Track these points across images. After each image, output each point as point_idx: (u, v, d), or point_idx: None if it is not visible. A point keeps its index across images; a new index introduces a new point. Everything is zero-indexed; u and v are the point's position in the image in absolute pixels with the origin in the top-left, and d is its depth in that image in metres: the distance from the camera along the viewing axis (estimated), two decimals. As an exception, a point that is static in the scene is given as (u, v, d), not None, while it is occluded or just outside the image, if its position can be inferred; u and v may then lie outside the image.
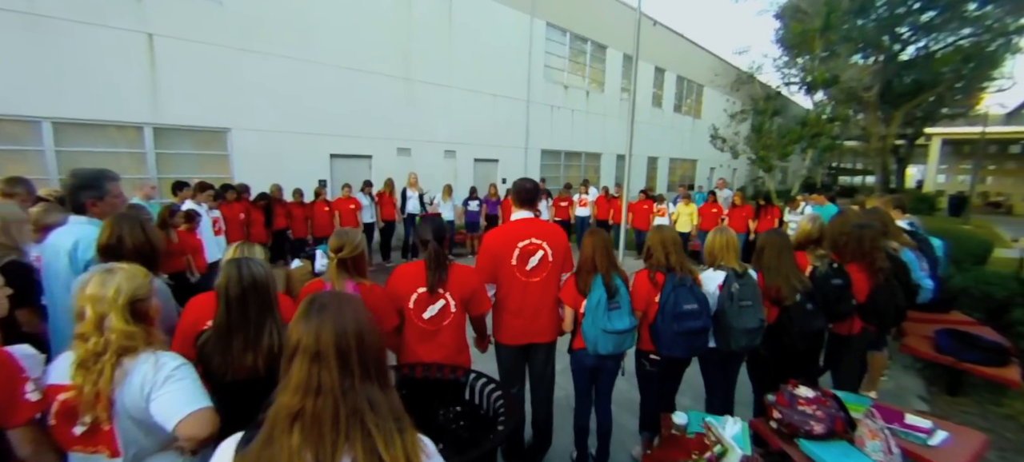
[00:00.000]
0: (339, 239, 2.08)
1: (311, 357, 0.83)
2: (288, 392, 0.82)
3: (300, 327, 0.86)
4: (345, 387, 0.83)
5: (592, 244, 2.46)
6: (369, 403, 0.83)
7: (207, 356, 1.45)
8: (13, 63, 5.85)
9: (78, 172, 2.13)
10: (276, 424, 0.80)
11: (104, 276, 1.34)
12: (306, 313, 0.87)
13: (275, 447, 0.78)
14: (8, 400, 1.24)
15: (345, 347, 0.85)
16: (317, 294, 0.94)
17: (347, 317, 0.87)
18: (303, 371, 0.82)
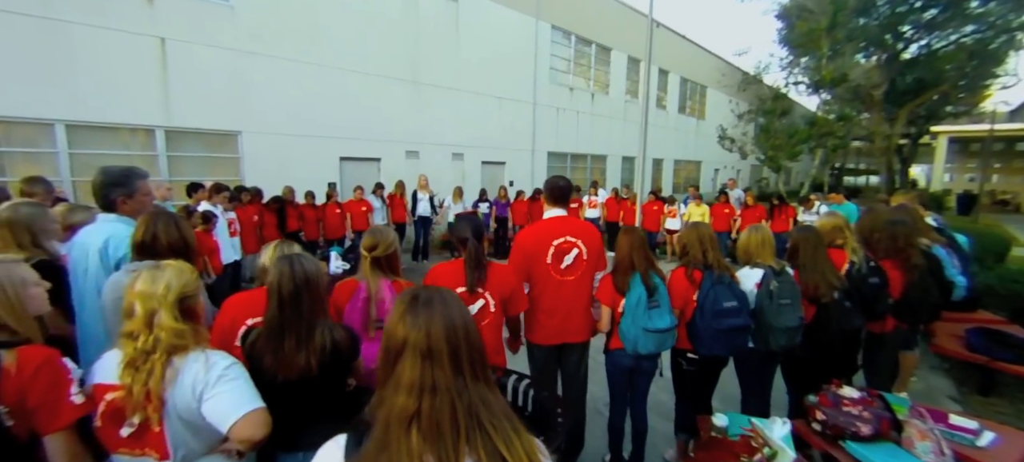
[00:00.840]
0: (373, 237, 2.04)
1: (422, 355, 0.79)
2: (401, 393, 0.77)
3: (405, 324, 0.81)
4: (459, 386, 0.78)
5: (629, 242, 2.41)
6: (482, 402, 0.79)
7: (258, 355, 1.40)
8: (27, 66, 5.86)
9: (107, 170, 2.09)
10: (391, 427, 0.76)
11: (153, 272, 1.30)
12: (411, 308, 0.83)
13: (392, 451, 0.74)
14: (52, 402, 1.20)
15: (455, 344, 0.81)
16: (417, 289, 0.90)
17: (454, 312, 0.83)
18: (415, 370, 0.78)
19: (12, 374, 1.13)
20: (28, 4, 5.83)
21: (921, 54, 18.68)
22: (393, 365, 0.81)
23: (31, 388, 1.15)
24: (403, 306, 0.84)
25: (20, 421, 1.14)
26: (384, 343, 0.84)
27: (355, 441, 0.80)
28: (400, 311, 0.84)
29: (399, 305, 0.85)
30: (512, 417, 0.81)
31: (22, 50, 5.81)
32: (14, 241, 2.14)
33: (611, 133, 15.04)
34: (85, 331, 2.05)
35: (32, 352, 1.20)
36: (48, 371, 1.19)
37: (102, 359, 1.34)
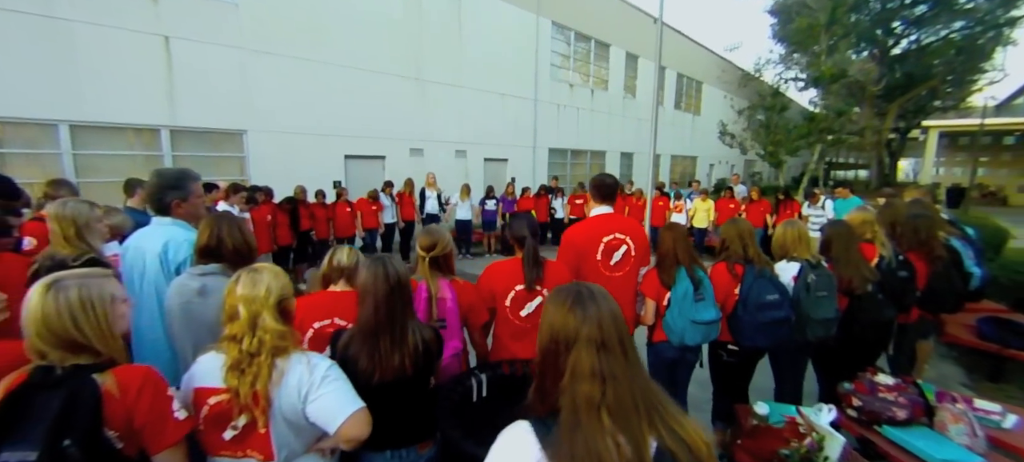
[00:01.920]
0: (431, 237, 2.07)
1: (598, 346, 0.84)
2: (583, 381, 0.82)
3: (576, 317, 0.86)
4: (631, 373, 0.84)
5: (672, 237, 2.47)
6: (649, 387, 0.84)
7: (353, 357, 1.42)
8: (30, 66, 5.76)
9: (162, 172, 2.09)
10: (580, 411, 0.81)
11: (253, 276, 1.32)
12: (577, 303, 0.88)
13: (586, 432, 0.78)
14: (158, 420, 1.17)
15: (620, 334, 0.87)
16: (575, 285, 0.94)
17: (613, 305, 0.89)
18: (593, 359, 0.83)
19: (116, 397, 1.10)
20: (31, 3, 5.73)
21: (911, 49, 19.08)
22: (564, 355, 0.85)
23: (136, 409, 1.12)
24: (567, 302, 0.89)
25: (129, 442, 1.12)
26: (550, 336, 0.88)
27: (542, 426, 0.84)
28: (565, 306, 0.88)
29: (560, 301, 0.90)
30: (671, 400, 0.86)
31: (24, 49, 5.71)
32: (61, 234, 2.15)
33: (610, 129, 15.13)
34: (141, 334, 2.04)
35: (131, 372, 1.16)
36: (150, 390, 1.16)
37: (199, 363, 1.34)
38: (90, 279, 1.17)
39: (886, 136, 20.33)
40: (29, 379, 1.06)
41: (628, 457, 0.76)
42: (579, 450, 0.77)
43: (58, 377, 1.06)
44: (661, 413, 0.84)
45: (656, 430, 0.81)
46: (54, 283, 1.11)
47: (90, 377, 1.07)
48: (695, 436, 0.83)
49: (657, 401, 0.85)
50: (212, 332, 1.77)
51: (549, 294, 0.98)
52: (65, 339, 1.08)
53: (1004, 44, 17.44)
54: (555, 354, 0.87)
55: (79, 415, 1.02)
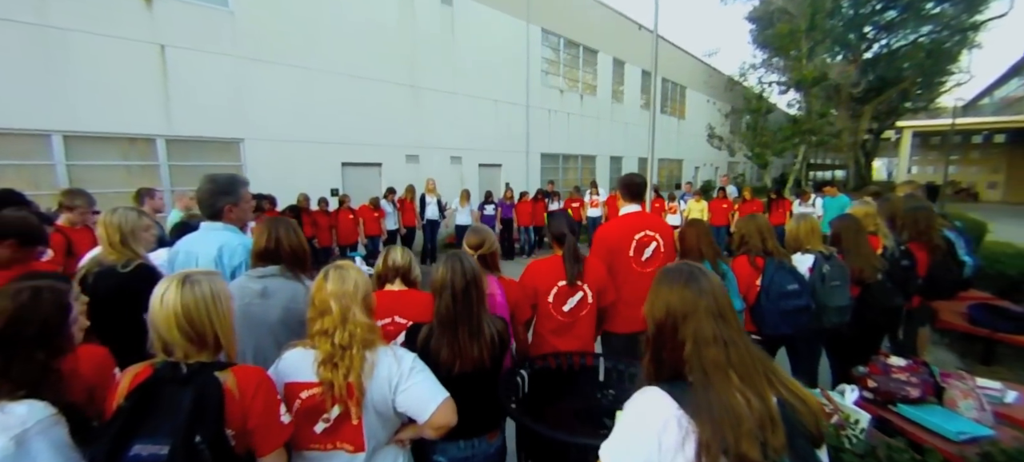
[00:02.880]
0: (478, 236, 2.15)
1: (715, 316, 0.95)
2: (709, 346, 0.92)
3: (692, 292, 0.96)
4: (743, 339, 0.95)
5: (696, 234, 2.59)
6: (759, 351, 0.96)
7: (434, 350, 1.48)
8: (22, 75, 5.64)
9: (215, 177, 2.12)
10: (709, 373, 0.90)
11: (341, 273, 1.36)
12: (691, 280, 0.98)
13: (719, 390, 0.88)
14: (269, 423, 1.19)
15: (727, 304, 0.98)
16: (684, 265, 1.04)
17: (719, 280, 0.98)
18: (713, 327, 0.93)
19: (235, 397, 1.13)
20: (22, 11, 5.62)
21: (882, 54, 19.92)
22: (682, 327, 0.96)
23: (251, 409, 1.15)
24: (681, 280, 0.99)
25: (239, 441, 1.14)
26: (665, 312, 0.98)
27: (674, 388, 0.92)
28: (680, 284, 0.98)
29: (674, 281, 1.00)
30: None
31: (17, 58, 5.59)
32: (107, 240, 2.16)
33: (599, 133, 15.38)
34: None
35: (248, 373, 1.19)
36: (264, 391, 1.19)
37: (285, 360, 1.37)
38: (214, 276, 1.22)
39: (861, 137, 21.13)
40: (156, 374, 1.10)
41: (758, 409, 0.86)
42: (716, 406, 0.86)
43: (185, 374, 1.10)
44: (774, 372, 0.94)
45: (774, 387, 0.92)
46: (187, 278, 1.16)
47: (213, 375, 1.11)
48: (804, 392, 0.93)
49: (768, 363, 0.95)
50: (272, 332, 1.82)
51: (658, 276, 1.07)
52: (199, 332, 1.13)
53: (970, 47, 18.37)
54: (673, 328, 0.97)
55: (208, 412, 1.06)
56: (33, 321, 1.13)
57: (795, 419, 0.89)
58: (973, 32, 17.69)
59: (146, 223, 2.24)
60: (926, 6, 17.56)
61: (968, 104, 22.46)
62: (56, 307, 1.19)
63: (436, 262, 1.62)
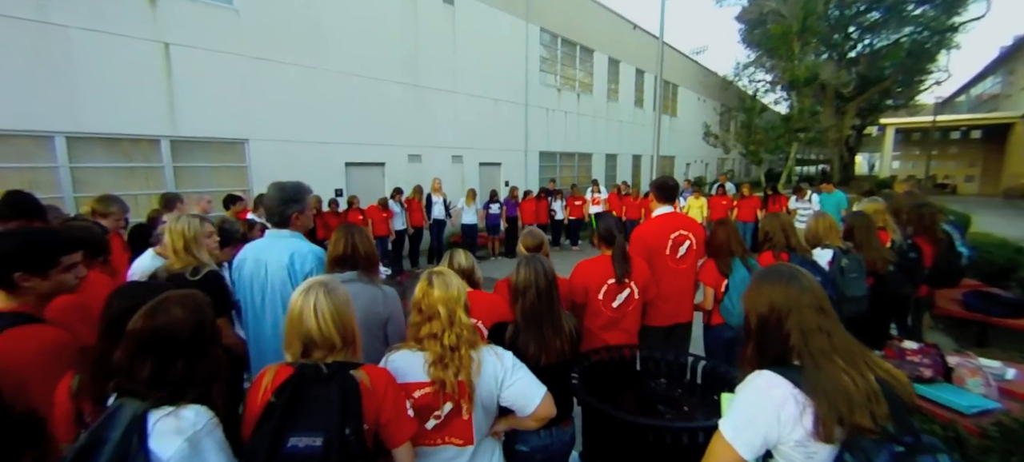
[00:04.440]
0: (534, 238, 2.27)
1: (815, 309, 1.09)
2: (814, 336, 1.07)
3: (794, 289, 1.11)
4: (841, 328, 1.10)
5: (726, 231, 2.76)
6: (853, 337, 1.11)
7: (522, 345, 1.60)
8: (23, 75, 5.52)
9: (282, 186, 2.18)
10: (818, 357, 1.05)
11: (444, 278, 1.46)
12: (793, 278, 1.13)
13: (828, 372, 1.03)
14: (398, 417, 1.28)
15: (825, 298, 1.13)
16: (784, 266, 1.17)
17: (814, 278, 1.13)
18: (815, 319, 1.09)
19: (370, 392, 1.22)
20: (22, 8, 5.50)
21: (864, 53, 20.53)
22: (785, 321, 1.10)
23: (384, 404, 1.24)
24: (783, 279, 1.13)
25: (370, 435, 1.22)
26: (768, 307, 1.12)
27: (788, 371, 1.06)
28: (782, 283, 1.12)
29: (776, 279, 1.14)
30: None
31: (17, 58, 5.47)
32: (171, 247, 2.22)
33: (595, 132, 15.58)
34: (264, 342, 2.13)
35: (378, 371, 1.28)
36: (393, 388, 1.28)
37: (393, 362, 1.45)
38: (339, 283, 1.32)
39: (846, 133, 21.76)
40: (300, 373, 1.20)
41: (863, 386, 1.00)
42: (828, 385, 1.01)
43: (327, 373, 1.20)
44: (868, 355, 1.09)
45: (871, 369, 1.06)
46: (323, 284, 1.26)
47: (350, 373, 1.21)
48: (895, 371, 1.08)
49: (863, 348, 1.10)
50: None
51: (759, 276, 1.21)
52: (339, 333, 1.23)
53: (948, 48, 19.05)
54: (777, 321, 1.11)
55: (352, 407, 1.16)
56: (206, 324, 1.22)
57: (893, 393, 1.03)
58: (952, 33, 18.35)
59: (208, 230, 2.30)
60: (907, 8, 18.16)
61: (946, 101, 23.28)
62: (211, 316, 1.27)
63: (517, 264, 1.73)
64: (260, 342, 2.15)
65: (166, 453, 1.07)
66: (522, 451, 1.68)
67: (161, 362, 1.20)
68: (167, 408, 1.12)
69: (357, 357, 1.35)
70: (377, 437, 1.29)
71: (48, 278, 1.61)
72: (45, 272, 1.59)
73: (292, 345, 1.27)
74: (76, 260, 1.70)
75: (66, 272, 1.66)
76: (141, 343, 1.20)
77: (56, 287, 1.65)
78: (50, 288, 1.64)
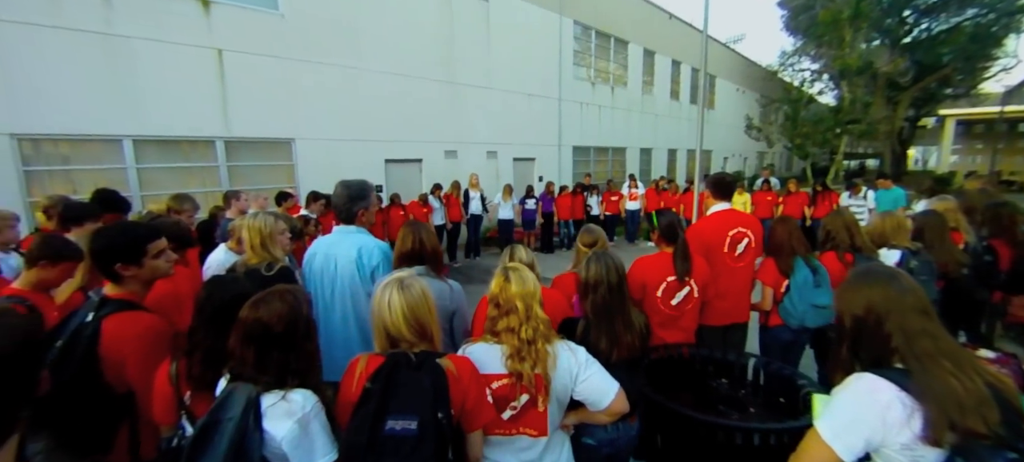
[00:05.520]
0: (592, 235, 2.28)
1: (919, 312, 1.09)
2: (919, 339, 1.06)
3: (895, 291, 1.10)
4: (944, 332, 1.09)
5: (787, 230, 2.68)
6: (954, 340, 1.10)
7: (594, 340, 1.63)
8: (94, 84, 5.93)
9: (348, 184, 2.28)
10: (925, 360, 1.04)
11: (520, 274, 1.50)
12: (893, 280, 1.12)
13: (935, 375, 1.02)
14: (480, 403, 1.34)
15: (927, 301, 1.12)
16: (882, 267, 1.16)
17: (911, 279, 1.11)
18: (919, 322, 1.08)
19: (456, 379, 1.28)
20: (90, 21, 5.89)
21: (921, 38, 19.18)
22: (886, 323, 1.08)
23: (468, 391, 1.30)
24: (882, 280, 1.11)
25: (455, 420, 1.28)
26: (866, 309, 1.11)
27: (892, 374, 1.05)
28: (882, 284, 1.10)
29: (875, 281, 1.12)
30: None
31: (89, 67, 5.87)
32: (248, 243, 2.35)
33: (629, 126, 15.33)
34: (333, 332, 2.24)
35: (461, 360, 1.34)
36: (476, 376, 1.34)
37: (470, 354, 1.49)
38: (419, 278, 1.39)
39: (898, 125, 20.47)
40: (392, 361, 1.26)
41: (972, 390, 0.98)
42: (938, 389, 0.99)
43: (416, 361, 1.26)
44: (975, 360, 1.06)
45: (979, 373, 1.03)
46: (398, 281, 1.32)
47: (436, 362, 1.27)
48: (1001, 375, 1.05)
49: (968, 351, 1.08)
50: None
51: (854, 276, 1.19)
52: (422, 323, 1.29)
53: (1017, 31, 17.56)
54: (875, 323, 1.09)
55: (441, 393, 1.22)
56: (301, 318, 1.31)
57: (1003, 398, 1.00)
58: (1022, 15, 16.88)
59: (281, 227, 2.43)
60: (971, -12, 16.86)
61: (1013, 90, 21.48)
62: (307, 305, 1.36)
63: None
64: (329, 333, 2.25)
65: (279, 433, 1.16)
66: (589, 444, 1.71)
67: (261, 350, 1.29)
68: (278, 392, 1.21)
69: (436, 350, 1.40)
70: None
71: (143, 266, 1.77)
72: (139, 260, 1.76)
73: (378, 337, 1.34)
74: (162, 247, 1.85)
75: (156, 259, 1.82)
76: (246, 331, 1.29)
77: (151, 273, 1.82)
78: (147, 275, 1.81)
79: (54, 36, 5.60)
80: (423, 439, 1.17)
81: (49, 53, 5.58)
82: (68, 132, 5.87)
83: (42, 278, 2.19)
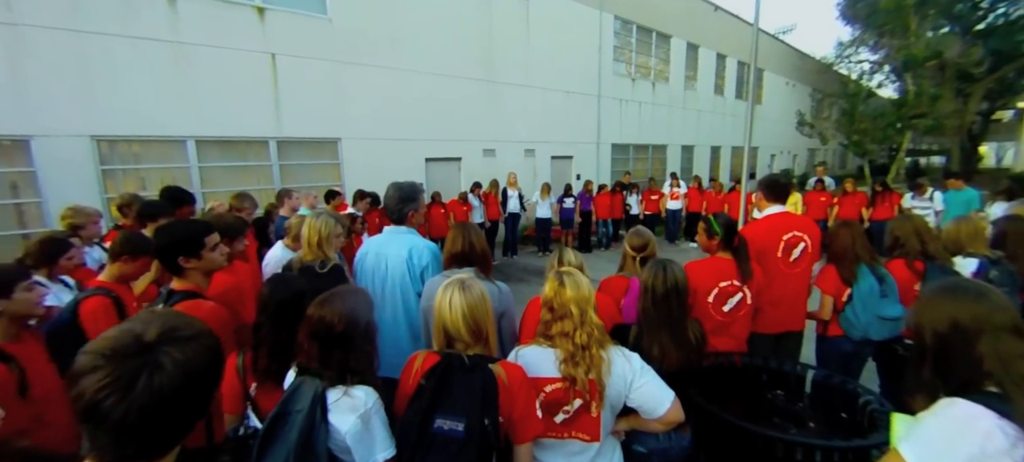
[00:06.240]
0: (641, 238, 2.24)
1: (1011, 330, 1.01)
2: (1017, 362, 0.99)
3: (984, 308, 1.03)
4: None
5: (850, 234, 2.52)
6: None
7: (646, 348, 1.60)
8: (162, 88, 6.36)
9: (400, 186, 2.35)
10: (1023, 385, 0.97)
11: (575, 278, 1.49)
12: (982, 295, 1.05)
13: None
14: (528, 414, 1.31)
15: (1020, 319, 1.03)
16: (969, 281, 1.09)
17: (1003, 295, 1.04)
18: (1016, 344, 1.00)
19: (506, 387, 1.27)
20: (160, 30, 6.32)
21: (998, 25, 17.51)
22: (975, 342, 1.01)
23: (516, 401, 1.29)
24: (970, 295, 1.04)
25: (501, 428, 1.27)
26: (950, 326, 1.04)
27: (990, 400, 0.98)
28: (968, 299, 1.04)
29: (959, 295, 1.05)
30: None
31: (156, 73, 6.30)
32: (307, 241, 2.46)
33: (671, 122, 14.91)
34: (383, 331, 2.29)
35: (514, 368, 1.34)
36: (527, 385, 1.33)
37: (524, 356, 1.50)
38: (477, 281, 1.41)
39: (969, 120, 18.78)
40: (446, 361, 1.30)
41: None
42: None
43: (469, 364, 1.29)
44: None
45: None
46: (460, 283, 1.35)
47: (488, 367, 1.29)
48: None
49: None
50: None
51: (936, 290, 1.11)
52: (479, 325, 1.32)
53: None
54: (963, 343, 1.01)
55: (491, 399, 1.24)
56: (362, 319, 1.36)
57: None
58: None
59: (338, 230, 2.53)
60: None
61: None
62: (369, 308, 1.42)
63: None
64: (379, 330, 2.32)
65: (344, 427, 1.22)
66: (639, 452, 1.69)
67: (324, 347, 1.35)
68: (341, 388, 1.27)
69: (491, 352, 1.42)
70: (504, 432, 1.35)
71: (201, 258, 1.91)
72: (197, 253, 1.89)
73: (437, 336, 1.37)
74: (216, 240, 1.99)
75: (213, 251, 1.95)
76: (311, 328, 1.36)
77: (209, 265, 1.96)
78: (206, 266, 1.94)
79: (128, 45, 6.06)
80: (468, 442, 1.19)
81: (123, 60, 6.05)
82: (139, 133, 6.34)
83: (123, 271, 2.39)
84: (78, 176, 5.88)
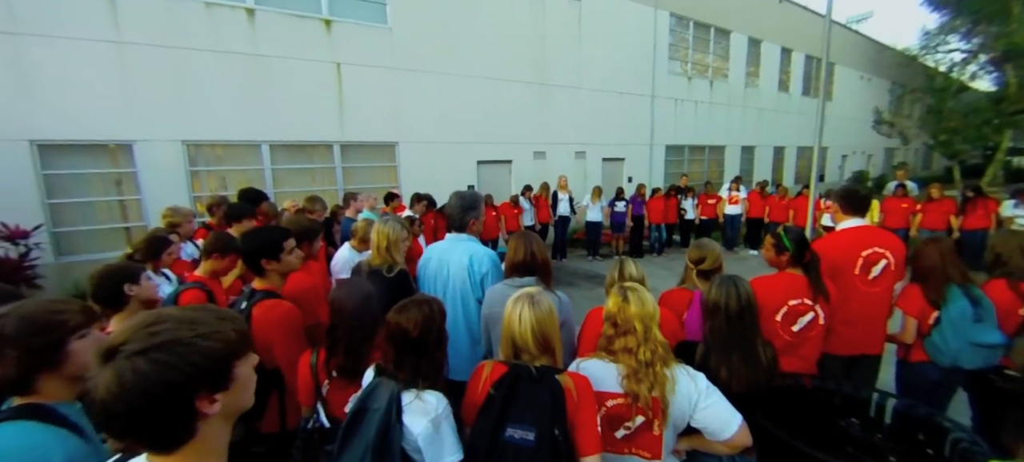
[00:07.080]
0: (700, 251, 2.18)
1: None
2: None
3: None
4: None
5: (939, 251, 2.32)
6: None
7: (714, 368, 1.58)
8: (241, 96, 6.93)
9: (462, 195, 2.44)
10: None
11: (639, 294, 1.49)
12: None
13: None
14: (590, 425, 1.31)
15: None
16: None
17: None
18: None
19: (572, 395, 1.30)
20: (241, 44, 6.89)
21: None
22: None
23: (580, 410, 1.31)
24: None
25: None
26: None
27: None
28: None
29: None
30: None
31: (237, 83, 6.86)
32: (376, 245, 2.61)
33: (730, 122, 14.22)
34: (443, 333, 2.42)
35: (580, 379, 1.36)
36: (592, 397, 1.34)
37: (586, 369, 1.51)
38: (546, 294, 1.45)
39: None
40: (515, 371, 1.35)
41: None
42: None
43: (537, 375, 1.33)
44: None
45: None
46: (530, 296, 1.40)
47: (556, 378, 1.33)
48: None
49: None
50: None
51: None
52: (547, 337, 1.36)
53: None
54: None
55: (559, 408, 1.27)
56: (434, 327, 1.45)
57: None
58: None
59: (404, 236, 2.67)
60: None
61: None
62: (442, 318, 1.51)
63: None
64: (440, 334, 2.43)
65: (416, 429, 1.30)
66: (701, 473, 1.66)
67: (399, 351, 1.45)
68: (414, 391, 1.35)
69: (557, 364, 1.45)
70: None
71: (280, 261, 2.12)
72: (277, 256, 2.11)
73: (504, 346, 1.42)
74: (293, 245, 2.20)
75: (290, 255, 2.17)
76: (389, 332, 1.46)
77: (287, 267, 2.18)
78: (284, 268, 2.17)
79: (214, 58, 6.66)
80: (540, 451, 1.22)
81: (210, 72, 6.66)
82: (221, 138, 6.95)
83: (214, 268, 2.66)
84: (171, 176, 6.55)
